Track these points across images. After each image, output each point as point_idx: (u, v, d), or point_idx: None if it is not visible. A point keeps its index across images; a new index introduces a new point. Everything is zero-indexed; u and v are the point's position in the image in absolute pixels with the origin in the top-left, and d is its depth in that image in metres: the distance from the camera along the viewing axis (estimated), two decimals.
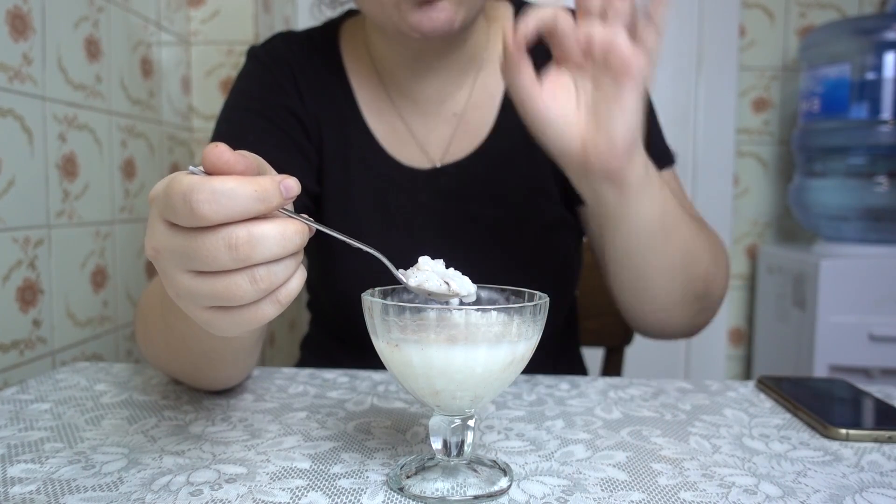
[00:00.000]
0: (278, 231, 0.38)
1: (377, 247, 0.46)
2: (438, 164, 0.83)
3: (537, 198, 0.84)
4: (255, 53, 0.86)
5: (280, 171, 0.78)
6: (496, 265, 0.52)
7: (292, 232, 0.39)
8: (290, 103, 0.82)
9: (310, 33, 0.88)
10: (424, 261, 0.48)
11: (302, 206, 0.80)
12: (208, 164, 0.38)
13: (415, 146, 0.83)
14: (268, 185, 0.38)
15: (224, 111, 0.83)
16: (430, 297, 0.47)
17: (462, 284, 0.47)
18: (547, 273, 0.82)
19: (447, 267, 0.48)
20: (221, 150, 0.37)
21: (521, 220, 0.83)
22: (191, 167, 0.38)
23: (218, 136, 0.81)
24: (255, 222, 0.38)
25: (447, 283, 0.46)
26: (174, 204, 0.37)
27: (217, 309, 0.40)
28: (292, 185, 0.39)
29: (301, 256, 0.41)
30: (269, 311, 0.40)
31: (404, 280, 0.47)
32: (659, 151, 0.82)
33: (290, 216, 0.40)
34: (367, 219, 0.82)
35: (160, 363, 0.67)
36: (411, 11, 0.69)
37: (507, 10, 0.88)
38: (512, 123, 0.82)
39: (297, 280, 0.41)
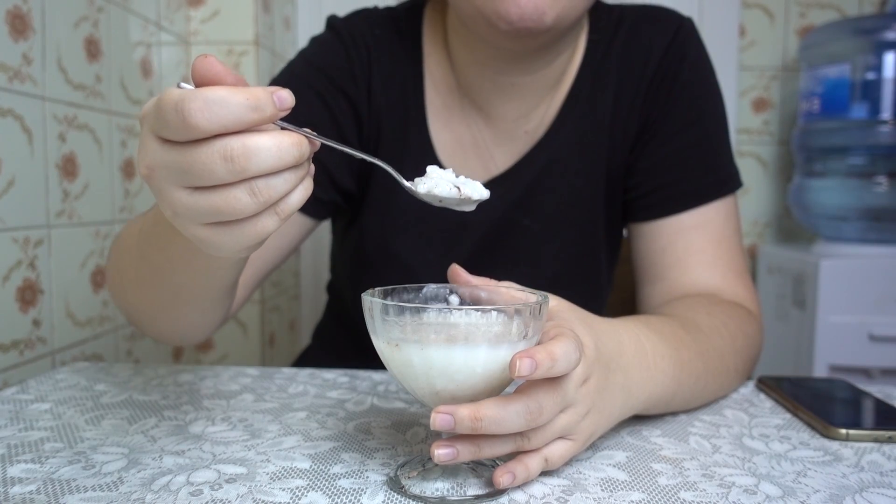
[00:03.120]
0: (274, 143, 0.38)
1: (410, 259, 0.45)
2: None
3: (581, 217, 0.79)
4: (335, 25, 0.80)
5: (319, 165, 0.75)
6: (524, 281, 0.51)
7: (289, 144, 0.38)
8: (356, 97, 0.77)
9: (394, 14, 0.82)
10: (433, 170, 0.47)
11: (329, 200, 0.78)
12: (198, 75, 0.37)
13: (476, 160, 0.80)
14: (260, 94, 0.37)
15: (286, 72, 0.79)
16: (441, 205, 0.46)
17: (474, 188, 0.46)
18: (575, 296, 0.67)
19: (457, 176, 0.47)
20: (211, 62, 0.37)
21: (559, 238, 0.80)
22: (180, 83, 0.38)
23: None
24: (249, 134, 0.37)
25: (458, 188, 0.46)
26: (166, 116, 0.36)
27: (216, 225, 0.40)
28: (286, 96, 0.38)
29: (305, 171, 0.41)
30: (269, 224, 0.40)
31: (413, 189, 0.46)
32: (723, 176, 0.77)
33: (288, 128, 0.39)
34: (404, 234, 0.79)
35: (125, 300, 0.64)
36: None
37: (584, 18, 0.79)
38: (565, 135, 0.78)
39: (298, 194, 0.40)
